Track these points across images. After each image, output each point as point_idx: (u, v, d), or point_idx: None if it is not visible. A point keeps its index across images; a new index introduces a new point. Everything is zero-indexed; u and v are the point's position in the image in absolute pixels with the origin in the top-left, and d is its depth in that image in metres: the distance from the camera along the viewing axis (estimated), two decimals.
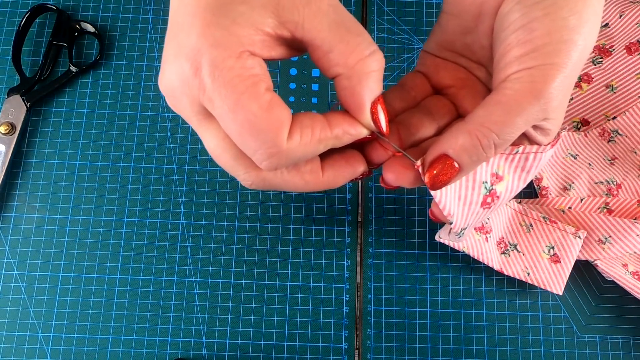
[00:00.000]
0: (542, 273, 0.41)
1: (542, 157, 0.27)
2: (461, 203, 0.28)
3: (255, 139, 0.22)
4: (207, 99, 0.22)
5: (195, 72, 0.22)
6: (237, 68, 0.22)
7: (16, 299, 0.42)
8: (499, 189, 0.28)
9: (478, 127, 0.24)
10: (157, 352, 0.41)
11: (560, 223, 0.42)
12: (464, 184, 0.27)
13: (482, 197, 0.28)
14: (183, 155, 0.45)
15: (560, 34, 0.23)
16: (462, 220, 0.28)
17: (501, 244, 0.42)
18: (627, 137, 0.45)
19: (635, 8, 0.45)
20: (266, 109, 0.22)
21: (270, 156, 0.23)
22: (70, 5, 0.48)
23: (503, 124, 0.23)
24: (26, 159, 0.44)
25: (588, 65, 0.47)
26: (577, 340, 0.42)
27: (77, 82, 0.46)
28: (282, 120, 0.22)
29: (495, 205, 0.29)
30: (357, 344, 0.42)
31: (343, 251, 0.43)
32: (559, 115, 0.25)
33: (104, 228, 0.43)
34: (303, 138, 0.23)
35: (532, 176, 0.28)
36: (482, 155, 0.24)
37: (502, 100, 0.24)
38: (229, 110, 0.22)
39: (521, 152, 0.27)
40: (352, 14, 0.49)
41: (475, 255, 0.40)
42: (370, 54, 0.23)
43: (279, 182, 0.26)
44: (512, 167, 0.28)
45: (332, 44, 0.23)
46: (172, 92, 0.23)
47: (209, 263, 0.43)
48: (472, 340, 0.42)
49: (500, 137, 0.24)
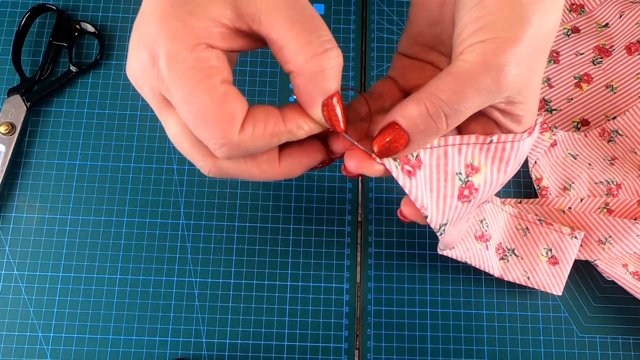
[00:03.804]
0: (542, 276, 0.41)
1: (520, 147, 0.27)
2: (434, 196, 0.27)
3: (207, 129, 0.23)
4: (165, 89, 0.23)
5: (153, 63, 0.22)
6: (191, 60, 0.22)
7: (16, 299, 0.42)
8: (477, 181, 0.27)
9: (427, 95, 0.24)
10: (157, 352, 0.41)
11: (556, 224, 0.42)
12: (435, 175, 0.27)
13: (457, 189, 0.27)
14: (183, 155, 0.45)
15: (511, 10, 0.23)
16: (438, 215, 0.27)
17: (499, 250, 0.42)
18: (627, 137, 0.45)
19: (635, 8, 0.45)
20: (219, 101, 0.22)
21: (222, 146, 0.23)
22: (70, 5, 0.48)
23: (451, 91, 0.23)
24: (26, 159, 0.44)
25: (588, 65, 0.47)
26: (577, 340, 0.42)
27: (77, 82, 0.46)
28: (234, 113, 0.23)
29: (476, 199, 0.28)
30: (357, 344, 0.42)
31: (343, 251, 0.43)
32: (528, 100, 0.25)
33: (104, 228, 0.43)
34: (255, 131, 0.23)
35: (512, 167, 0.27)
36: (431, 124, 0.24)
37: (452, 71, 0.24)
38: (183, 100, 0.22)
39: (496, 141, 0.26)
40: (352, 14, 0.49)
41: (477, 265, 0.40)
42: (323, 52, 0.23)
43: (236, 171, 0.26)
44: (488, 157, 0.27)
45: (284, 40, 0.23)
46: (135, 80, 0.24)
47: (209, 263, 0.43)
48: (472, 340, 0.42)
49: (450, 105, 0.23)
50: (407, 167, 0.26)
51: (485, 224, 0.40)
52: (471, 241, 0.39)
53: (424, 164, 0.26)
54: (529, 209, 0.43)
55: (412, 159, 0.26)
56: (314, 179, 0.45)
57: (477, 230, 0.40)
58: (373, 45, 0.48)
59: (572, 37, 0.47)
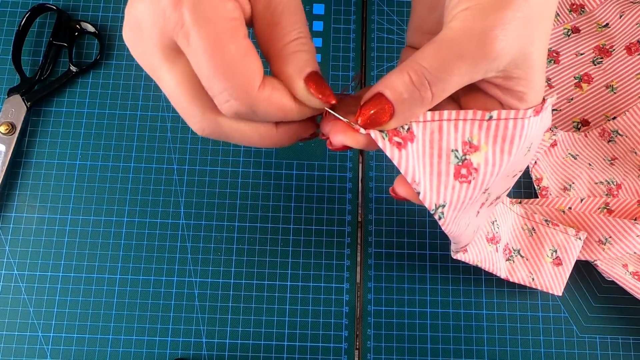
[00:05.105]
0: (546, 276, 0.41)
1: (526, 125, 0.25)
2: (427, 172, 0.26)
3: (227, 80, 0.22)
4: (183, 34, 0.22)
5: (176, 5, 0.21)
6: (219, 8, 0.22)
7: (16, 299, 0.42)
8: (476, 160, 0.26)
9: (410, 64, 0.23)
10: (157, 352, 0.41)
11: (561, 225, 0.42)
12: (428, 150, 0.25)
13: (453, 167, 0.26)
14: (183, 155, 0.45)
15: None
16: (432, 194, 0.26)
17: (506, 251, 0.41)
18: (627, 137, 0.45)
19: (635, 8, 0.45)
20: (244, 53, 0.22)
21: (237, 99, 0.23)
22: (70, 5, 0.48)
23: (433, 59, 0.23)
24: (26, 159, 0.44)
25: (588, 65, 0.47)
26: (577, 340, 0.42)
27: (77, 82, 0.46)
28: (256, 68, 0.23)
29: (476, 180, 0.26)
30: (357, 344, 0.42)
31: (343, 251, 0.43)
32: (529, 75, 0.24)
33: (104, 228, 0.43)
34: (272, 96, 0.23)
35: (517, 148, 0.26)
36: (414, 92, 0.23)
37: (436, 39, 0.23)
38: (206, 48, 0.22)
39: (496, 117, 0.25)
40: (352, 14, 0.49)
41: (487, 268, 0.39)
42: (292, 41, 0.24)
43: (234, 133, 0.26)
44: (489, 135, 0.25)
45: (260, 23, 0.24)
46: (139, 25, 0.23)
47: (209, 263, 0.43)
48: (472, 340, 0.42)
49: (432, 73, 0.23)
50: (397, 139, 0.25)
51: (496, 226, 0.40)
52: (483, 244, 0.39)
53: (417, 138, 0.25)
54: (534, 209, 0.43)
55: (403, 131, 0.25)
56: (314, 179, 0.45)
57: (489, 232, 0.39)
58: (373, 45, 0.48)
59: (572, 37, 0.47)
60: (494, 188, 0.29)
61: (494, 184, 0.28)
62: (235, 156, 0.45)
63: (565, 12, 0.47)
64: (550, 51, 0.47)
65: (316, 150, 0.46)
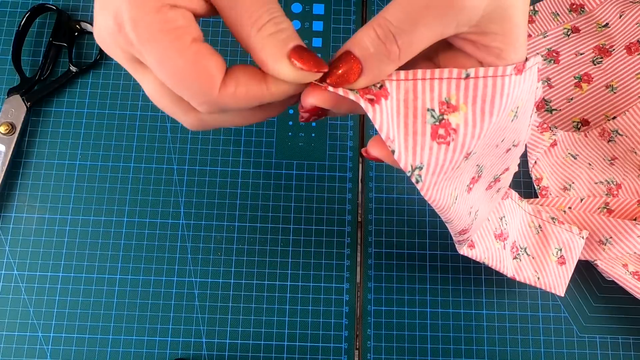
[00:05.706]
0: (550, 276, 0.40)
1: (506, 84, 0.24)
2: (402, 131, 0.25)
3: (187, 89, 0.23)
4: (136, 52, 0.22)
5: (119, 29, 0.22)
6: (157, 23, 0.21)
7: (16, 299, 0.42)
8: (455, 120, 0.25)
9: (376, 19, 0.23)
10: (157, 352, 0.41)
11: (566, 224, 0.41)
12: (403, 110, 0.25)
13: (429, 126, 0.25)
14: (183, 155, 0.45)
15: None
16: (407, 154, 0.25)
17: (513, 249, 0.41)
18: (627, 137, 0.45)
19: (635, 8, 0.45)
20: (192, 61, 0.22)
21: (203, 103, 0.23)
22: (70, 5, 0.48)
23: (398, 12, 0.22)
24: (26, 159, 0.44)
25: (588, 65, 0.47)
26: (577, 340, 0.42)
27: (77, 82, 0.46)
28: (210, 70, 0.22)
29: (455, 142, 0.25)
30: (357, 344, 0.42)
31: (343, 251, 0.43)
32: (505, 30, 0.23)
33: (104, 228, 0.43)
34: (237, 91, 0.23)
35: (500, 109, 0.25)
36: (380, 47, 0.23)
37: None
38: (157, 63, 0.22)
39: (474, 75, 0.24)
40: (352, 14, 0.49)
41: (493, 266, 0.39)
42: (265, 23, 0.23)
43: (219, 122, 0.26)
44: (468, 95, 0.24)
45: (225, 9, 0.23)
46: (104, 43, 0.23)
47: (209, 263, 0.43)
48: (472, 340, 0.42)
49: (398, 25, 0.22)
50: (369, 96, 0.24)
51: (505, 222, 0.40)
52: (491, 240, 0.38)
53: (391, 96, 0.24)
54: (539, 210, 0.43)
55: (375, 88, 0.24)
56: (314, 179, 0.45)
57: (497, 228, 0.39)
58: None
59: (572, 37, 0.47)
60: (484, 159, 0.28)
61: (482, 153, 0.27)
62: (235, 156, 0.45)
63: (565, 12, 0.47)
64: (550, 51, 0.47)
65: (316, 150, 0.46)
